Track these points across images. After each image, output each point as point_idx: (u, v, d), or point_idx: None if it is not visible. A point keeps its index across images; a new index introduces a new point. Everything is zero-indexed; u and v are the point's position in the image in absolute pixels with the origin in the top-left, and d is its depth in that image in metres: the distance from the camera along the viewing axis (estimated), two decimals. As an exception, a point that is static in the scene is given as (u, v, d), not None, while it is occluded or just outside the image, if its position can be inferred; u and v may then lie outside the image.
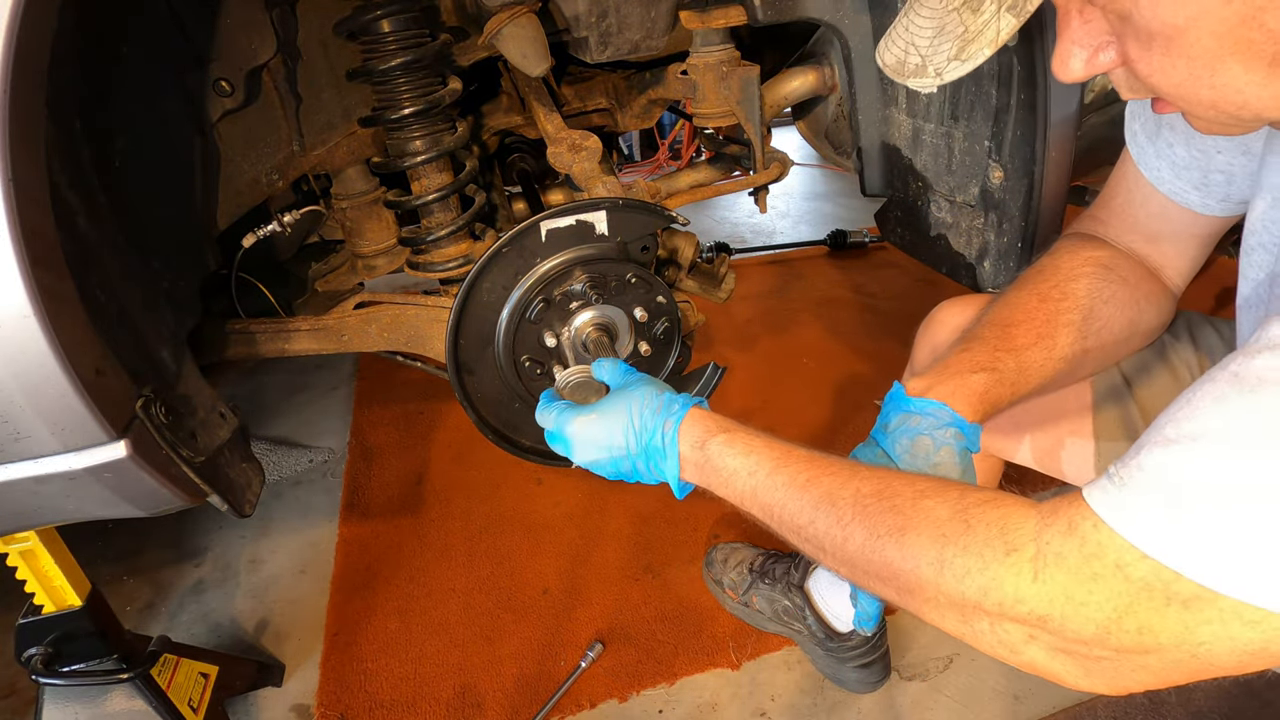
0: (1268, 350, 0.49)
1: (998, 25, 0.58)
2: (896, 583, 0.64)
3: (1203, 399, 0.52)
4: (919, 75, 0.64)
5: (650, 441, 0.83)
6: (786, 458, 0.75)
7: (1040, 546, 0.56)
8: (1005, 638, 0.59)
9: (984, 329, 0.90)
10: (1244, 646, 0.50)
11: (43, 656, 1.17)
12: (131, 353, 0.96)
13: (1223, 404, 0.50)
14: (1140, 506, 0.52)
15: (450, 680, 1.47)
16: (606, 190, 1.34)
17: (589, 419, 0.88)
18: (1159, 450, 0.52)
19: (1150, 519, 0.51)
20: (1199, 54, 0.52)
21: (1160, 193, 0.90)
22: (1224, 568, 0.48)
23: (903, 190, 1.48)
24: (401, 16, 1.23)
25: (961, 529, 0.60)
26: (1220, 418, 0.50)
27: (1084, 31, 0.58)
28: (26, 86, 0.75)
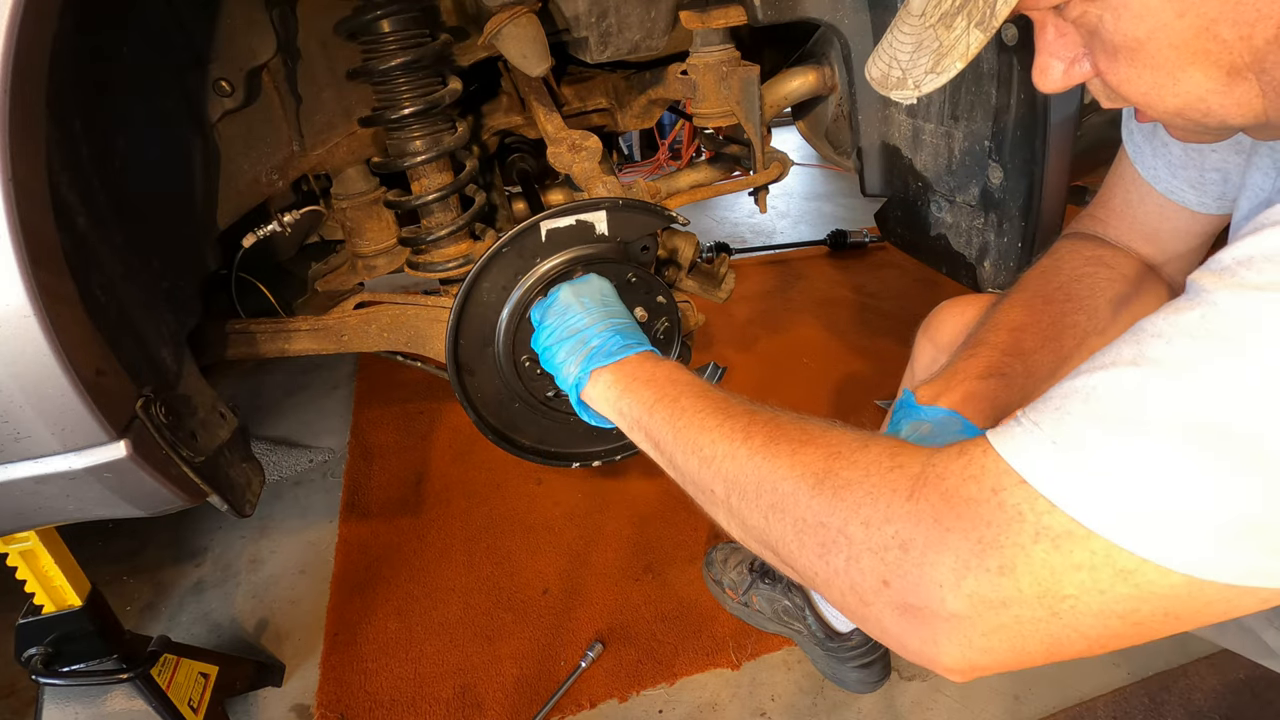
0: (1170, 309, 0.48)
1: (968, 40, 0.60)
2: (772, 496, 0.61)
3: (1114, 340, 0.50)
4: (900, 88, 0.66)
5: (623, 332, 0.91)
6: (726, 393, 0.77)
7: (926, 467, 0.54)
8: (858, 580, 0.54)
9: (990, 333, 0.90)
10: (1113, 605, 0.46)
11: (43, 656, 1.17)
12: (131, 353, 0.95)
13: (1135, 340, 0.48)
14: (1029, 432, 0.49)
15: (450, 680, 1.47)
16: (606, 190, 1.34)
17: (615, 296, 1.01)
18: (1065, 381, 0.50)
19: (1035, 444, 0.48)
20: (1161, 64, 0.54)
21: (1157, 191, 0.90)
22: (1101, 503, 0.45)
23: (903, 190, 1.48)
24: (401, 16, 1.23)
25: (858, 446, 0.59)
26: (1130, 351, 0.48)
27: (1060, 44, 0.60)
28: (26, 86, 0.75)
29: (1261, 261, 0.43)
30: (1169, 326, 0.46)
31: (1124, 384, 0.46)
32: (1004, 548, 0.47)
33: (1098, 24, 0.55)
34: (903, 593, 0.52)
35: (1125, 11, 0.53)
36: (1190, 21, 0.51)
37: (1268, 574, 0.43)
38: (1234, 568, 0.43)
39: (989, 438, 0.52)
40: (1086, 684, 1.39)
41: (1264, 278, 0.43)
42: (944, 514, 0.50)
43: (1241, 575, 0.43)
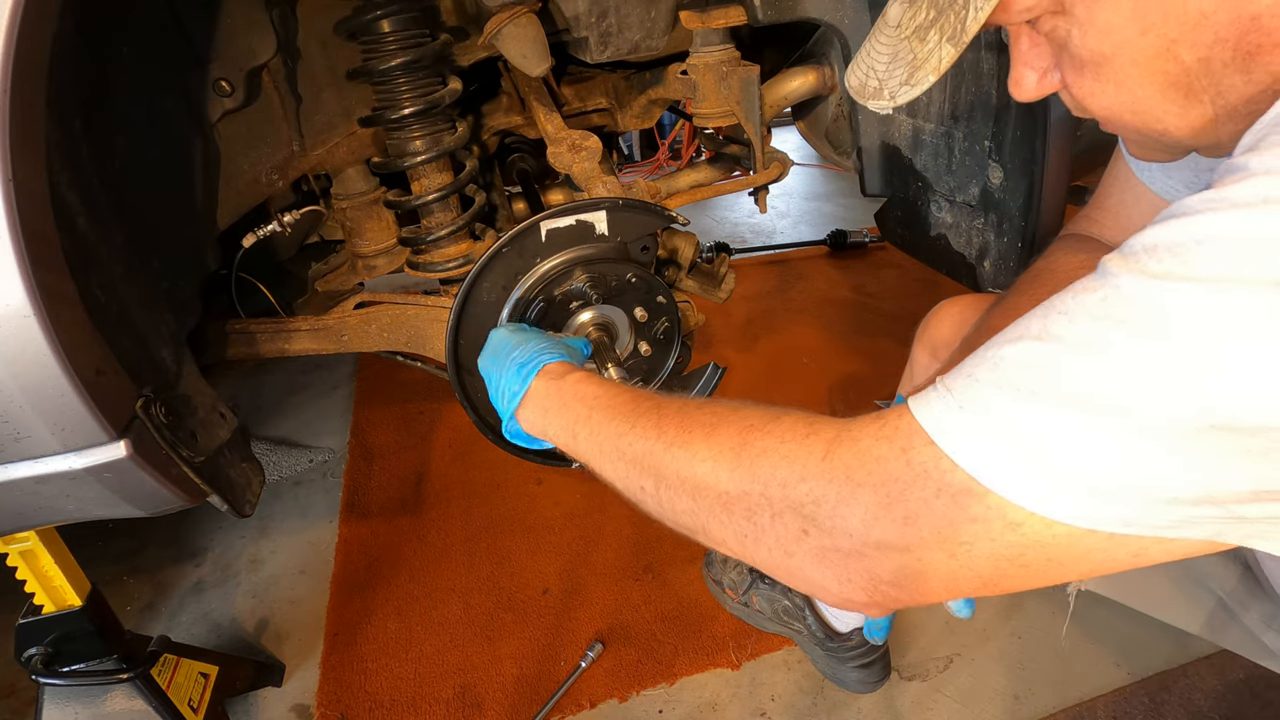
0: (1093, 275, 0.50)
1: (940, 54, 0.62)
2: (694, 480, 0.64)
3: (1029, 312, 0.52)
4: (876, 98, 0.68)
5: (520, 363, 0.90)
6: (631, 391, 0.78)
7: (841, 430, 0.58)
8: (782, 534, 0.59)
9: (982, 337, 0.90)
10: (1002, 550, 0.50)
11: (43, 656, 1.17)
12: (131, 353, 0.95)
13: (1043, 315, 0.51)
14: (941, 398, 0.53)
15: (450, 680, 1.47)
16: (606, 190, 1.34)
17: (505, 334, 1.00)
18: (979, 351, 0.53)
19: (943, 408, 0.52)
20: (1123, 81, 0.56)
21: (1152, 192, 0.90)
22: (997, 463, 0.49)
23: (903, 190, 1.48)
24: (401, 16, 1.23)
25: (770, 419, 0.62)
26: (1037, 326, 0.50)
27: (1033, 54, 0.63)
28: (26, 86, 0.75)
29: (1163, 251, 0.45)
30: (1075, 305, 0.48)
31: (1028, 356, 0.49)
32: (909, 500, 0.52)
33: (1066, 38, 0.58)
34: (819, 539, 0.57)
35: (1091, 28, 0.55)
36: (1152, 40, 0.53)
37: (1137, 523, 0.47)
38: (1108, 520, 0.47)
39: (908, 402, 0.55)
40: (1086, 684, 1.39)
41: (1162, 266, 0.45)
42: (855, 470, 0.55)
43: (1116, 526, 0.48)
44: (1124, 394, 0.45)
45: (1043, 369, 0.48)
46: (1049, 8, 0.57)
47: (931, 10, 0.62)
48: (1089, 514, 0.47)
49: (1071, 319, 0.48)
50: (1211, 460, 0.43)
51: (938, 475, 0.51)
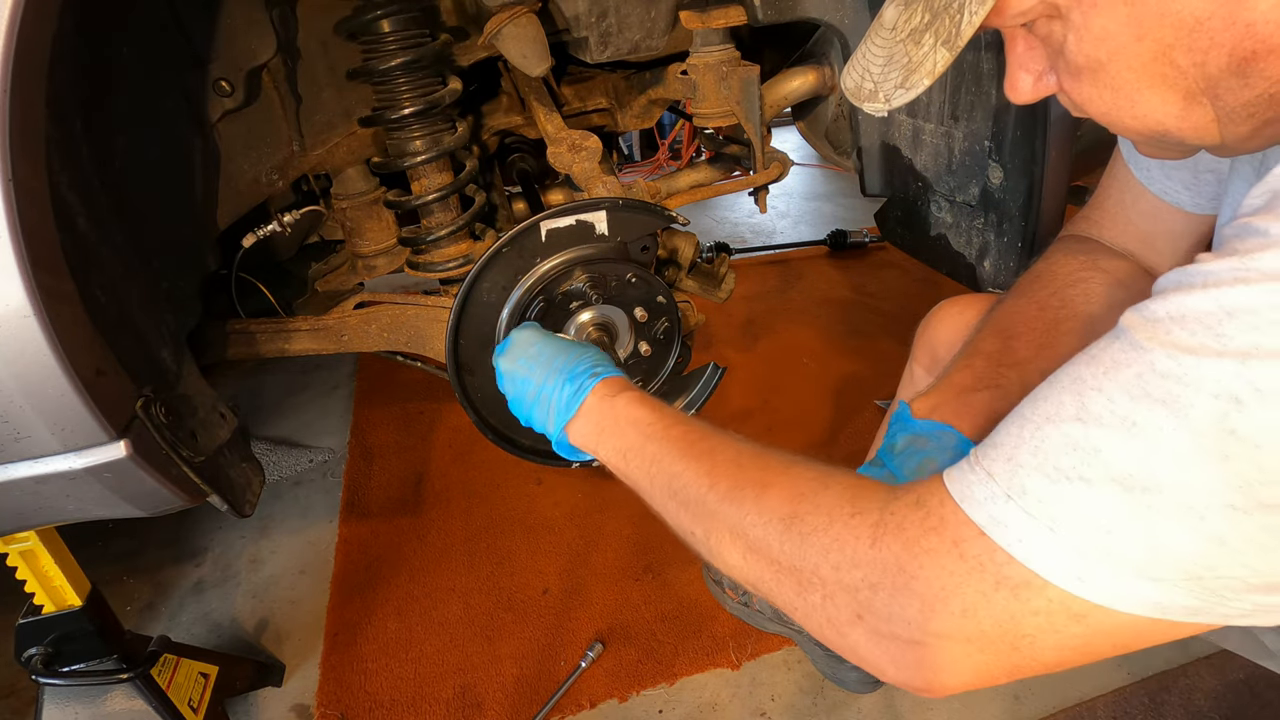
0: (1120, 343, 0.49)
1: (934, 58, 0.61)
2: (746, 539, 0.64)
3: (1059, 381, 0.52)
4: (871, 100, 0.68)
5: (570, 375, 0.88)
6: (685, 422, 0.78)
7: (884, 515, 0.57)
8: (834, 614, 0.58)
9: (985, 341, 0.90)
10: (1067, 641, 0.50)
11: (43, 656, 1.17)
12: (131, 353, 0.95)
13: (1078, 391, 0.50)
14: (984, 484, 0.52)
15: (450, 680, 1.47)
16: (606, 190, 1.34)
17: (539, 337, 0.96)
18: (1014, 427, 0.52)
19: (991, 498, 0.51)
20: (1121, 86, 0.56)
21: (1151, 193, 0.90)
22: (1054, 555, 0.48)
23: (903, 190, 1.49)
24: (401, 16, 1.23)
25: (818, 488, 0.62)
26: (1073, 404, 0.49)
27: (1029, 57, 0.62)
28: (26, 86, 0.75)
29: (1193, 322, 0.45)
30: (1111, 384, 0.48)
31: (1070, 439, 0.48)
32: (966, 594, 0.51)
33: (1062, 43, 0.57)
34: (874, 626, 0.56)
35: (1087, 33, 0.55)
36: (1148, 46, 0.53)
37: (1206, 613, 0.46)
38: (1177, 610, 0.47)
39: (947, 486, 0.54)
40: (1086, 684, 1.39)
41: (1195, 339, 0.44)
42: (907, 563, 0.54)
43: (1183, 615, 0.47)
44: (1175, 477, 0.44)
45: (1089, 454, 0.47)
46: (1044, 12, 0.57)
47: (926, 14, 0.62)
48: (1155, 603, 0.46)
49: (1110, 399, 0.47)
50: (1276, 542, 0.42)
51: (993, 569, 0.50)
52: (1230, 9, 0.49)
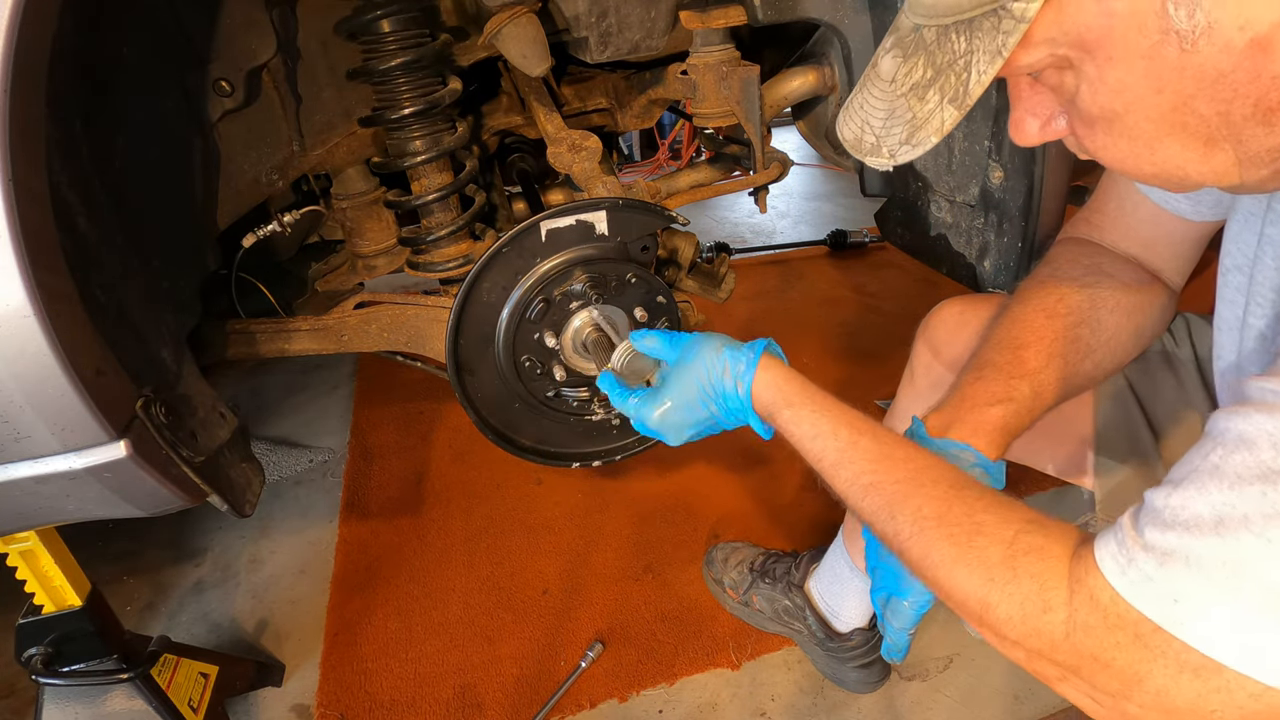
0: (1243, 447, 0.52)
1: (942, 116, 0.61)
2: (947, 598, 0.69)
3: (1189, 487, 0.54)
4: (875, 155, 0.67)
5: (730, 410, 0.87)
6: (851, 449, 0.77)
7: (1071, 613, 0.60)
8: (1041, 670, 0.64)
9: (994, 352, 0.90)
10: (1251, 714, 0.53)
11: (43, 656, 1.16)
12: (131, 353, 0.95)
13: (1207, 495, 0.53)
14: (1147, 585, 0.55)
15: (450, 680, 1.47)
16: (606, 190, 1.34)
17: (666, 408, 0.91)
18: (1156, 533, 0.55)
19: (1158, 596, 0.54)
20: (1138, 135, 0.55)
21: (1151, 200, 0.90)
22: (1225, 644, 0.52)
23: (903, 190, 1.48)
24: (401, 16, 1.23)
25: (1008, 576, 0.64)
26: (1208, 510, 0.53)
27: (1035, 102, 0.62)
28: (26, 86, 0.75)
29: None
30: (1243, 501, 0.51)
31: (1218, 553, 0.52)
32: (1156, 678, 0.55)
33: (1075, 93, 0.57)
34: (1080, 688, 0.61)
35: (1102, 85, 0.54)
36: (1168, 98, 0.52)
37: None
38: None
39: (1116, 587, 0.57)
40: (1086, 684, 1.39)
41: None
42: (1100, 654, 0.58)
43: None
44: None
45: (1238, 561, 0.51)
46: (1054, 64, 0.56)
47: (929, 69, 0.61)
48: None
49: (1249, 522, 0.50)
50: None
51: (1173, 656, 0.54)
52: (1255, 63, 0.49)
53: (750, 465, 1.96)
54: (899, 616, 0.85)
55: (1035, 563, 0.63)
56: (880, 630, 0.89)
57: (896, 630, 0.86)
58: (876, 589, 0.87)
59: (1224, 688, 0.53)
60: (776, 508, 1.82)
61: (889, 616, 0.86)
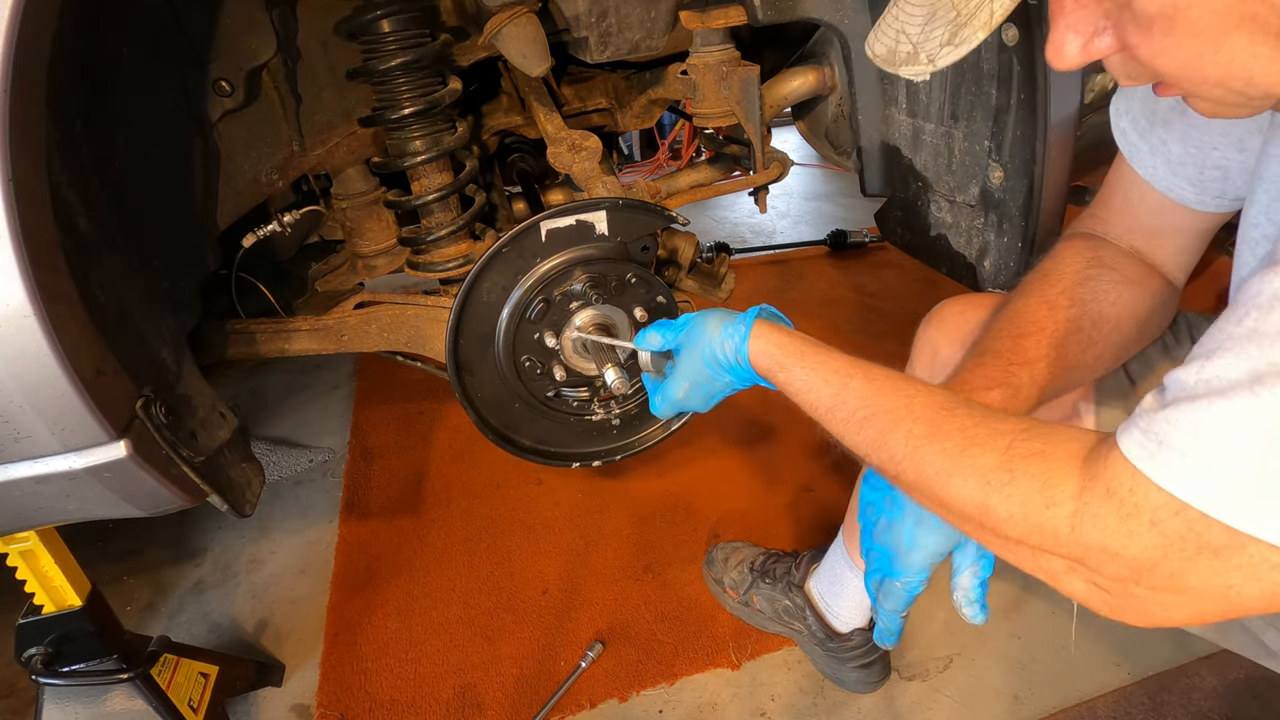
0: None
1: (991, 6, 0.57)
2: (946, 510, 0.70)
3: (1224, 353, 0.53)
4: (911, 63, 0.64)
5: (739, 377, 0.92)
6: (843, 390, 0.79)
7: (1079, 506, 0.59)
8: (1046, 565, 0.63)
9: (995, 341, 0.90)
10: (1270, 589, 0.53)
11: (43, 656, 1.16)
12: (131, 353, 0.96)
13: (1245, 357, 0.51)
14: (1174, 461, 0.54)
15: (450, 680, 1.47)
16: (606, 190, 1.34)
17: (686, 388, 0.98)
18: (1186, 405, 0.54)
19: (1184, 473, 0.53)
20: (1202, 31, 0.51)
21: (1157, 190, 0.90)
22: (1252, 513, 0.51)
23: (903, 190, 1.48)
24: (401, 16, 1.23)
25: (1005, 479, 0.64)
26: (1245, 370, 0.51)
27: (1079, 17, 0.58)
28: (26, 86, 0.75)
29: None
30: None
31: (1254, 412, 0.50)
32: (1171, 561, 0.55)
33: None
34: (1088, 578, 0.61)
35: None
36: None
37: None
38: None
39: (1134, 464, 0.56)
40: (1086, 684, 1.39)
41: None
42: (1109, 544, 0.57)
43: None
44: None
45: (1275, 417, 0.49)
46: None
47: None
48: None
49: None
50: None
51: (1194, 539, 0.53)
52: None
53: (750, 465, 1.96)
54: (891, 598, 0.85)
55: (1035, 465, 0.63)
56: (872, 615, 0.89)
57: (889, 613, 0.87)
58: (870, 572, 0.88)
59: (1245, 563, 0.52)
60: (776, 508, 1.82)
61: (881, 599, 0.87)
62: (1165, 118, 0.86)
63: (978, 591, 0.82)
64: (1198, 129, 0.83)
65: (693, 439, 2.04)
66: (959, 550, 0.83)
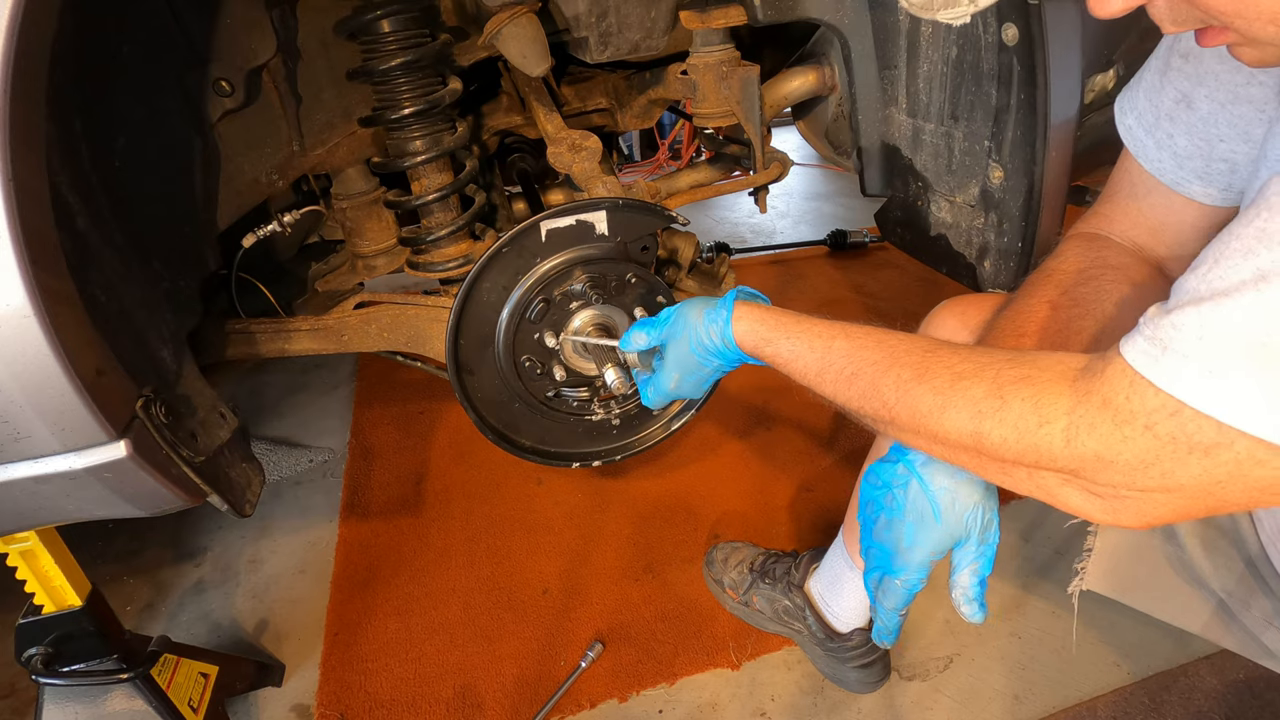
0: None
1: None
2: (941, 445, 0.72)
3: (1231, 255, 0.54)
4: (951, 6, 0.65)
5: (727, 359, 0.95)
6: (827, 353, 0.81)
7: (1073, 419, 0.61)
8: (1042, 482, 0.66)
9: (997, 341, 0.90)
10: (1254, 485, 0.56)
11: (43, 656, 1.16)
12: (131, 353, 0.96)
13: (1251, 257, 0.52)
14: (1175, 364, 0.55)
15: (450, 680, 1.47)
16: (606, 190, 1.34)
17: (677, 379, 1.00)
18: (1191, 309, 0.55)
19: (1185, 373, 0.55)
20: None
21: (1163, 185, 0.90)
22: (1246, 409, 0.52)
23: (903, 190, 1.48)
24: (401, 16, 1.23)
25: (997, 405, 0.66)
26: (1251, 270, 0.52)
27: None
28: (26, 86, 0.75)
29: None
30: None
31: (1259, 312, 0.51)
32: (1163, 462, 0.57)
33: None
34: (1082, 487, 0.64)
35: None
36: None
37: None
38: None
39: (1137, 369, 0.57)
40: (1087, 684, 1.39)
41: None
42: (1104, 452, 0.60)
43: None
44: None
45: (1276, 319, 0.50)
46: None
47: None
48: None
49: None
50: None
51: (1185, 439, 0.56)
52: None
53: (750, 465, 1.96)
54: (891, 595, 0.86)
55: (1025, 388, 0.65)
56: (870, 613, 0.90)
57: (888, 611, 0.87)
58: (870, 569, 0.88)
59: (1232, 459, 0.54)
60: (776, 508, 1.82)
61: (880, 597, 0.87)
62: (1171, 112, 0.86)
63: (977, 590, 0.83)
64: (1204, 121, 0.83)
65: (692, 439, 2.04)
66: (958, 548, 0.83)
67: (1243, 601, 0.94)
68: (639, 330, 1.03)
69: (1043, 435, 0.63)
